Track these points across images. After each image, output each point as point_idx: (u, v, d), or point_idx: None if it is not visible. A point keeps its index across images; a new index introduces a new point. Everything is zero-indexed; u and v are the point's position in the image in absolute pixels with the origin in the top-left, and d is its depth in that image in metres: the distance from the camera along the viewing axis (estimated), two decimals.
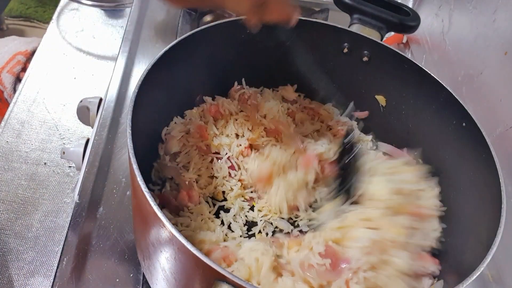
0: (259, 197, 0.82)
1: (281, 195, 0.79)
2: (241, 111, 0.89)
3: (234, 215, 0.79)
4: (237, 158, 0.84)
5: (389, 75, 0.88)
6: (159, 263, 0.63)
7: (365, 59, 0.88)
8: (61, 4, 1.46)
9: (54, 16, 1.42)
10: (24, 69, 1.56)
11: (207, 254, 0.65)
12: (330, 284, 0.63)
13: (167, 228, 0.52)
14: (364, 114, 0.94)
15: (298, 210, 0.81)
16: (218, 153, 0.84)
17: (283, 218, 0.81)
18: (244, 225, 0.79)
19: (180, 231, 0.52)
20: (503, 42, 0.94)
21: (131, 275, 0.78)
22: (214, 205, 0.80)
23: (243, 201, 0.82)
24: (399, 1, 0.96)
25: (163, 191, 0.79)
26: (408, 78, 0.85)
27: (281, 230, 0.79)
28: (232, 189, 0.81)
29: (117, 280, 0.77)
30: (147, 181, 0.57)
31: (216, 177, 0.82)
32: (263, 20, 0.66)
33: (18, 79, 1.55)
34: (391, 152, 0.91)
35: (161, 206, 0.74)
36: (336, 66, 0.91)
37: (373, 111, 0.94)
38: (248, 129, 0.86)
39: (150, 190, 0.59)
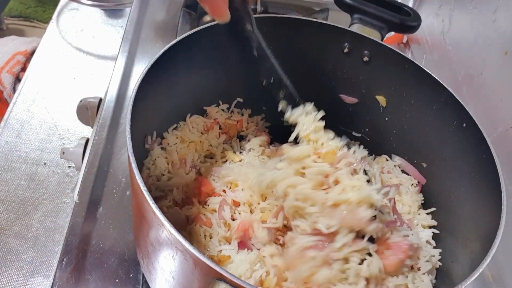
0: None
1: None
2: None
3: None
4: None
5: (389, 75, 0.87)
6: (158, 262, 0.63)
7: (365, 59, 0.88)
8: (61, 4, 1.46)
9: (54, 16, 1.42)
10: (24, 69, 1.56)
11: None
12: None
13: (165, 227, 0.52)
14: (353, 100, 0.94)
15: None
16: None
17: None
18: None
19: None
20: (503, 42, 0.94)
21: (131, 275, 0.78)
22: None
23: None
24: (399, 1, 0.96)
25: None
26: (408, 78, 0.84)
27: None
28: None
29: (117, 280, 0.77)
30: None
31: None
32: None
33: (17, 79, 1.55)
34: (403, 167, 0.91)
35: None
36: (336, 66, 0.91)
37: (374, 111, 0.94)
38: None
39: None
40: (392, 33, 1.06)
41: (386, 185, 0.86)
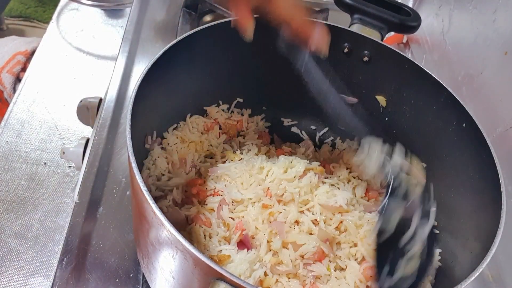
0: None
1: None
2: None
3: None
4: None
5: (389, 75, 0.88)
6: (158, 262, 0.63)
7: (365, 59, 0.88)
8: (61, 4, 1.47)
9: (54, 16, 1.42)
10: (24, 69, 1.56)
11: None
12: None
13: (165, 227, 0.52)
14: (353, 100, 0.94)
15: None
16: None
17: None
18: None
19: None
20: (503, 42, 0.94)
21: (131, 275, 0.78)
22: None
23: None
24: (399, 1, 0.96)
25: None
26: (408, 78, 0.85)
27: None
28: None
29: (117, 280, 0.77)
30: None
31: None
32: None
33: (18, 79, 1.55)
34: None
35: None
36: (336, 66, 0.91)
37: (373, 111, 0.94)
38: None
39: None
40: (392, 33, 1.06)
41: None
